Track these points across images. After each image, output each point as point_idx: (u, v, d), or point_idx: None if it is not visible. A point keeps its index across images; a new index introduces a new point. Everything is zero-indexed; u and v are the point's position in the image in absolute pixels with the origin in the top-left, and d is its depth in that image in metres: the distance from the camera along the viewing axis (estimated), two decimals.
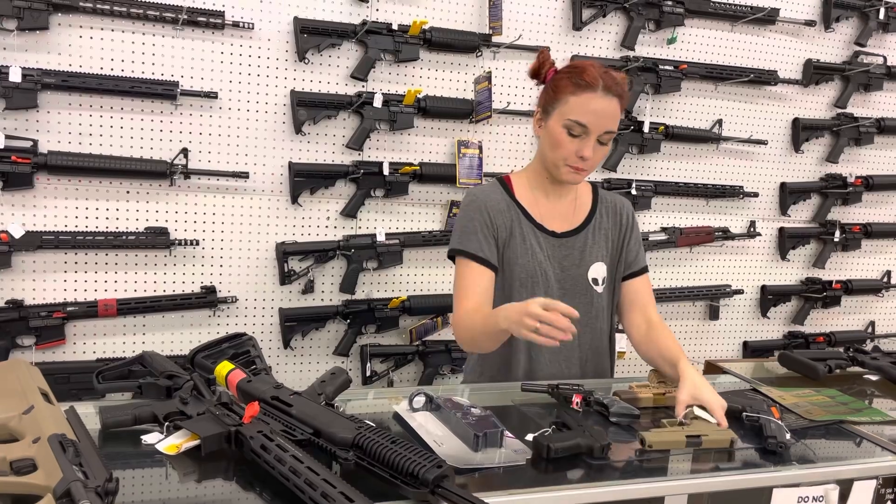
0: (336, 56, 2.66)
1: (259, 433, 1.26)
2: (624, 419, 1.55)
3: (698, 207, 3.32)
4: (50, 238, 2.40)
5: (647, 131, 3.08)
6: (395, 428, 1.52)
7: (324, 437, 1.26)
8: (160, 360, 1.58)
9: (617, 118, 1.72)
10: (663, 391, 1.68)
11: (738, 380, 1.96)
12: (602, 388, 1.71)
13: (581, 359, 1.90)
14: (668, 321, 3.37)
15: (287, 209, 2.68)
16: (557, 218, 1.85)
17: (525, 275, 1.81)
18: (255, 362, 1.65)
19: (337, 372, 1.54)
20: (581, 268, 1.84)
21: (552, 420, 1.49)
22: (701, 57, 3.17)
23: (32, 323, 2.41)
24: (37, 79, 2.31)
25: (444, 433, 1.43)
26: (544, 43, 2.90)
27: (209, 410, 1.35)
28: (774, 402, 1.68)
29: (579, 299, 1.84)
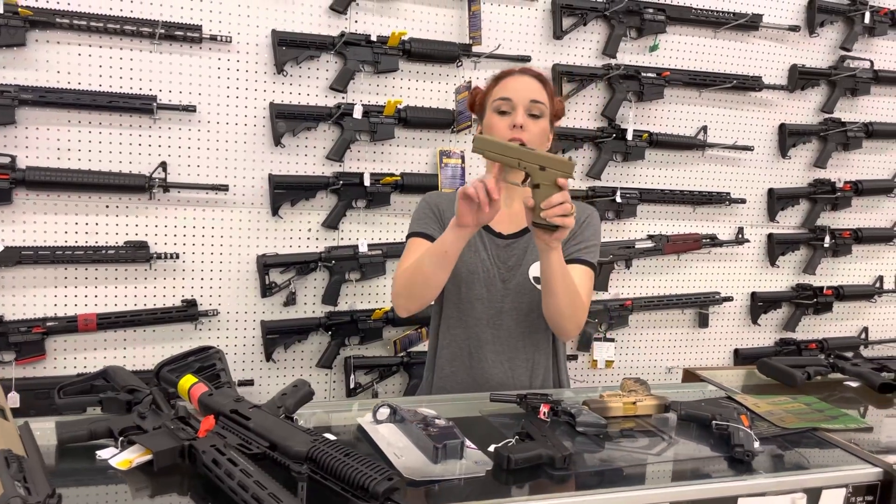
0: (315, 68, 2.66)
1: (212, 447, 1.25)
2: (591, 429, 1.54)
3: (685, 215, 3.31)
4: (29, 253, 2.40)
5: (631, 139, 3.07)
6: (357, 440, 1.50)
7: (279, 451, 1.26)
8: (123, 375, 1.57)
9: (542, 93, 1.81)
10: (633, 400, 1.66)
11: (715, 388, 1.94)
12: (573, 398, 1.70)
13: (528, 360, 1.88)
14: (656, 329, 3.36)
15: (268, 221, 2.68)
16: (506, 220, 1.87)
17: (467, 271, 1.84)
18: (219, 375, 1.63)
19: (299, 384, 1.52)
20: (522, 267, 1.85)
21: (517, 431, 1.48)
22: (684, 64, 3.16)
23: (12, 338, 2.41)
24: (14, 95, 2.32)
25: (405, 445, 1.42)
26: (525, 52, 2.90)
27: (164, 425, 1.34)
28: (746, 411, 1.66)
29: (522, 298, 1.85)
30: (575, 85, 2.98)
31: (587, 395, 1.71)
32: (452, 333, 1.86)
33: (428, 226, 1.85)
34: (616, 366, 3.29)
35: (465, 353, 1.86)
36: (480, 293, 1.84)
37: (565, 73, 2.95)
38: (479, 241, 1.84)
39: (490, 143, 1.54)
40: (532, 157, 1.51)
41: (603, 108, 3.06)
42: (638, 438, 1.56)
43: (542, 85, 1.80)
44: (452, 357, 1.87)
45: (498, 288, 1.84)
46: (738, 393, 1.87)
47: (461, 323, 1.85)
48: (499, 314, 1.85)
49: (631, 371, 3.33)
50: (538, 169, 1.51)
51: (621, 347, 3.30)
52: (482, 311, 1.84)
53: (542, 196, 1.50)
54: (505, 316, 1.85)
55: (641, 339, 3.34)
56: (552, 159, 1.51)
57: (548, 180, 1.50)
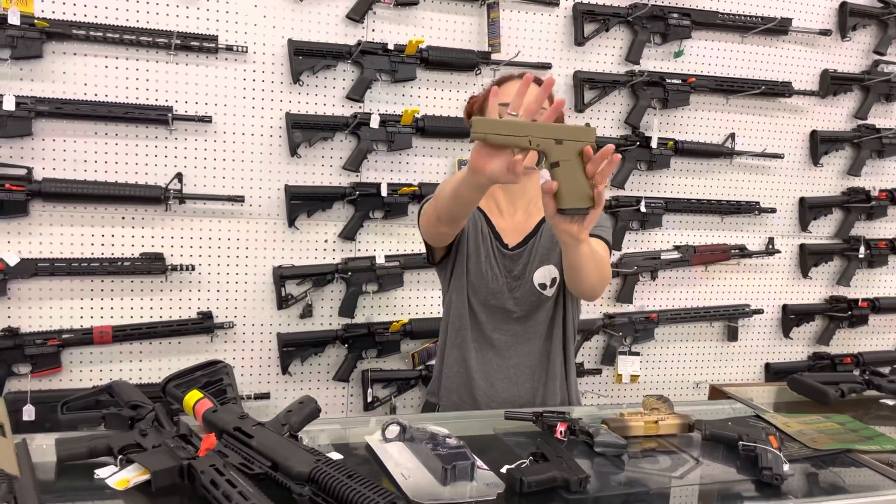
0: (332, 77, 2.63)
1: (211, 467, 1.21)
2: (610, 449, 1.46)
3: (713, 224, 3.21)
4: (45, 265, 2.40)
5: (656, 147, 2.99)
6: (365, 460, 1.44)
7: (281, 471, 1.21)
8: (128, 390, 1.54)
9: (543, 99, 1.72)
10: (656, 419, 1.58)
11: (743, 406, 1.85)
12: (592, 416, 1.63)
13: (534, 370, 1.81)
14: (683, 343, 3.26)
15: (284, 233, 2.65)
16: (511, 230, 1.82)
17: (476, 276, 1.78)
18: (226, 391, 1.59)
19: (305, 401, 1.47)
20: (527, 276, 1.78)
21: (531, 451, 1.41)
22: (710, 70, 3.08)
23: (28, 351, 2.40)
24: (30, 107, 2.32)
25: (415, 465, 1.36)
26: (545, 59, 2.84)
27: (165, 443, 1.30)
28: (776, 430, 1.58)
29: (530, 306, 1.79)
30: (597, 92, 2.92)
31: (607, 413, 1.64)
32: (459, 341, 1.81)
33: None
34: (642, 380, 3.20)
35: (471, 361, 1.81)
36: (488, 300, 1.79)
37: (587, 81, 2.88)
38: (490, 248, 1.79)
39: (493, 124, 1.25)
40: (545, 131, 1.25)
41: (626, 115, 2.98)
42: (660, 460, 1.48)
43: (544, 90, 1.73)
44: (458, 365, 1.82)
45: (505, 296, 1.79)
46: (767, 411, 1.78)
47: (468, 331, 1.80)
48: (505, 322, 1.80)
49: (657, 386, 3.24)
50: (554, 144, 1.26)
51: (647, 362, 3.21)
52: (487, 318, 1.80)
53: (565, 175, 1.26)
54: (512, 323, 1.80)
55: (668, 354, 3.25)
56: (568, 129, 1.27)
57: (568, 154, 1.26)
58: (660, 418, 1.59)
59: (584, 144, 1.26)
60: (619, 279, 3.09)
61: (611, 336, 3.09)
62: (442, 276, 1.85)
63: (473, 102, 1.79)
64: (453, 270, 1.80)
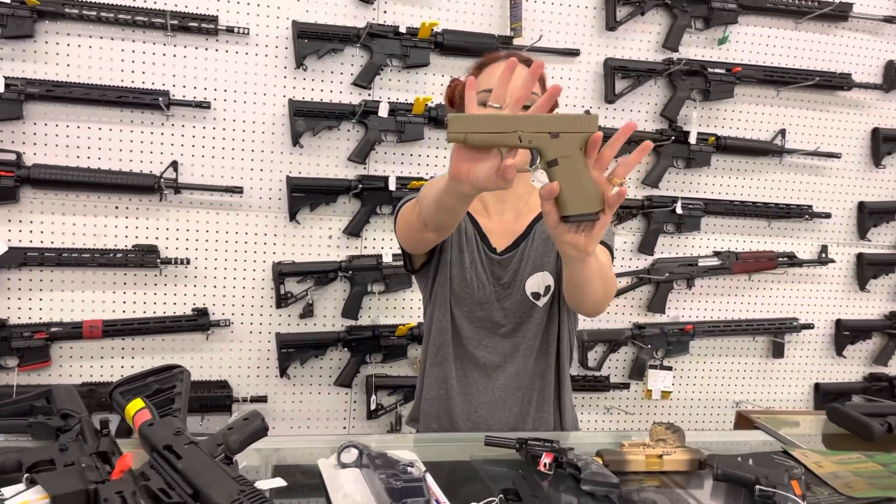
0: (340, 62, 2.46)
1: (117, 494, 1.04)
2: (599, 488, 1.24)
3: (758, 230, 2.93)
4: (34, 255, 2.30)
5: (695, 143, 2.73)
6: (314, 487, 1.26)
7: (200, 501, 1.04)
8: (65, 396, 1.39)
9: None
10: (660, 453, 1.35)
11: (772, 438, 1.60)
12: (590, 444, 1.41)
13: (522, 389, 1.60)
14: (722, 358, 2.98)
15: (285, 227, 2.49)
16: (499, 232, 1.60)
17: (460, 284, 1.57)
18: (174, 400, 1.43)
19: (251, 417, 1.29)
20: (518, 283, 1.57)
21: (504, 487, 1.21)
22: (758, 58, 2.79)
23: (14, 343, 2.30)
24: (20, 88, 2.22)
25: (364, 498, 1.17)
26: (573, 45, 2.61)
27: (78, 461, 1.14)
28: (802, 472, 1.33)
29: (520, 318, 1.58)
30: (630, 82, 2.67)
31: (606, 442, 1.42)
32: (439, 359, 1.60)
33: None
34: (674, 397, 2.94)
35: (452, 381, 1.60)
36: (473, 311, 1.58)
37: (619, 69, 2.64)
38: (477, 254, 1.57)
39: (473, 121, 1.02)
40: (537, 124, 1.03)
41: (662, 108, 2.73)
42: (659, 503, 1.26)
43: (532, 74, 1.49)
44: (438, 387, 1.61)
45: (493, 307, 1.57)
46: (798, 446, 1.53)
47: (449, 347, 1.59)
48: (492, 335, 1.59)
49: (691, 405, 2.97)
50: (549, 138, 1.03)
51: (680, 377, 2.95)
52: (472, 332, 1.59)
53: (566, 175, 1.03)
54: (499, 338, 1.59)
55: (704, 369, 2.97)
56: (565, 119, 1.04)
57: (568, 149, 1.03)
58: (665, 452, 1.36)
59: (587, 136, 1.03)
60: (650, 287, 2.83)
61: (640, 348, 2.84)
62: (423, 286, 1.64)
63: (455, 86, 1.56)
64: (435, 279, 1.59)
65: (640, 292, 2.84)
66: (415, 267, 1.60)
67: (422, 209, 1.34)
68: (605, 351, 2.82)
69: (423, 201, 1.34)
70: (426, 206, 1.31)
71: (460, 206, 1.24)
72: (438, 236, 1.42)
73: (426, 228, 1.36)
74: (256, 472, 1.30)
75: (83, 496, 1.07)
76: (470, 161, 1.05)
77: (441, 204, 1.23)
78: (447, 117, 1.03)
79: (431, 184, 1.35)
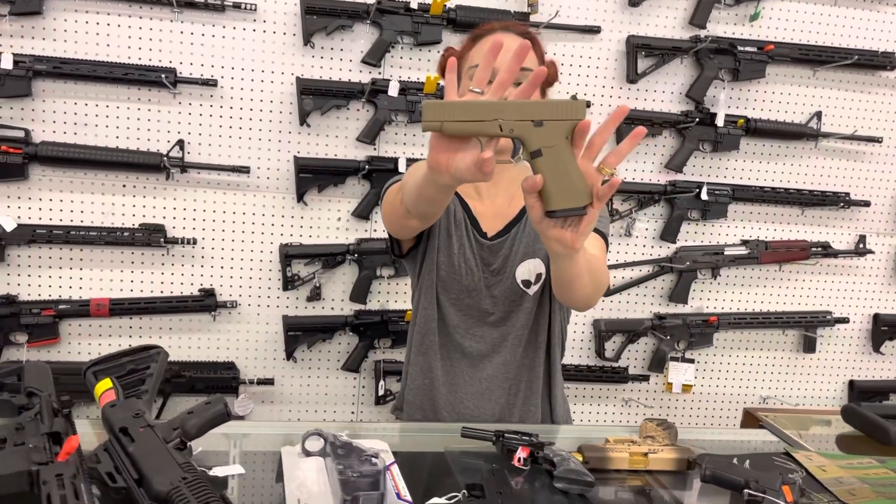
0: (350, 39, 2.40)
1: (56, 477, 1.01)
2: (573, 486, 1.17)
3: (790, 217, 2.78)
4: (42, 232, 2.30)
5: (723, 125, 2.59)
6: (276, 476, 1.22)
7: (144, 487, 1.01)
8: (36, 374, 1.37)
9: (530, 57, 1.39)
10: (646, 451, 1.27)
11: (776, 438, 1.50)
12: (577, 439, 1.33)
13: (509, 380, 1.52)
14: (749, 352, 2.85)
15: (293, 208, 2.45)
16: (489, 216, 1.52)
17: (448, 270, 1.50)
18: (145, 381, 1.40)
19: (213, 402, 1.24)
20: (508, 270, 1.49)
21: (470, 482, 1.14)
22: (793, 36, 2.63)
23: (24, 320, 2.32)
24: (29, 65, 2.21)
25: (320, 489, 1.12)
26: (593, 22, 2.50)
27: (27, 441, 1.12)
28: (801, 476, 1.23)
29: (510, 306, 1.51)
30: (654, 60, 2.55)
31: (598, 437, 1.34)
32: (424, 348, 1.54)
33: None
34: (696, 391, 2.82)
35: (437, 371, 1.53)
36: (460, 298, 1.51)
37: (642, 46, 2.52)
38: (466, 238, 1.50)
39: (449, 108, 0.94)
40: (519, 111, 0.95)
41: (688, 88, 2.60)
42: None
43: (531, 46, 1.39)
44: (422, 376, 1.55)
45: (482, 294, 1.50)
46: (804, 448, 1.42)
47: (435, 336, 1.53)
48: (480, 324, 1.52)
49: (714, 399, 2.85)
50: (533, 127, 0.96)
51: (703, 370, 2.83)
52: (460, 320, 1.52)
53: (551, 166, 0.95)
54: (488, 327, 1.52)
55: (729, 363, 2.85)
56: (550, 105, 0.96)
57: (553, 139, 0.95)
58: (651, 450, 1.28)
59: (573, 123, 0.95)
60: (672, 276, 2.71)
61: (661, 339, 2.73)
62: (411, 271, 1.57)
63: (448, 55, 1.49)
64: (423, 264, 1.52)
65: (662, 281, 2.73)
66: (403, 251, 1.54)
67: (404, 196, 1.27)
68: (623, 341, 2.72)
69: (405, 188, 1.27)
70: (408, 195, 1.24)
71: (442, 196, 1.17)
72: (422, 224, 1.36)
73: (409, 215, 1.29)
74: (218, 457, 1.26)
75: (25, 477, 1.04)
76: (448, 151, 0.97)
77: (421, 194, 1.16)
78: (422, 104, 0.95)
79: (414, 169, 1.27)
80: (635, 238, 2.68)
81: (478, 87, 0.97)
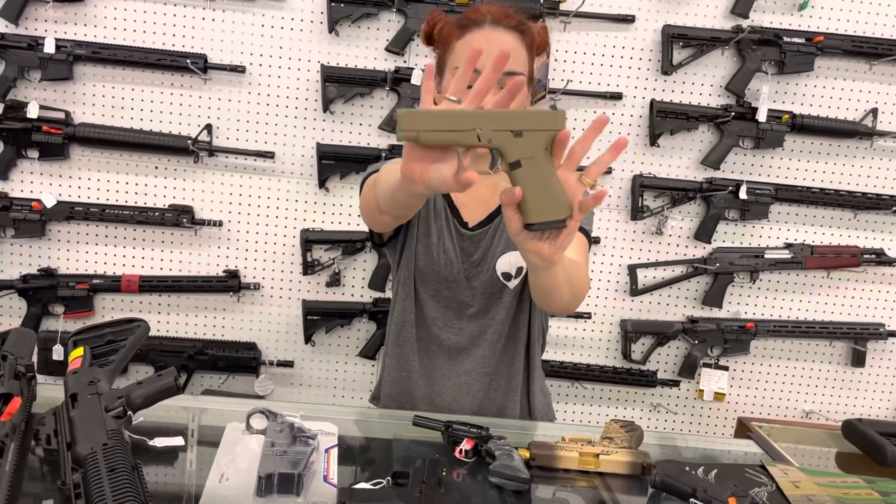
0: (376, 28, 2.41)
1: None
2: (507, 483, 1.13)
3: (840, 221, 2.60)
4: (80, 209, 2.42)
5: (765, 120, 2.45)
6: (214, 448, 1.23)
7: (71, 451, 1.04)
8: (16, 339, 1.43)
9: (520, 56, 1.31)
10: (598, 451, 1.21)
11: (760, 450, 1.41)
12: (523, 433, 1.29)
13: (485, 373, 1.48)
14: (789, 363, 2.69)
15: (316, 194, 2.48)
16: (471, 206, 1.47)
17: (426, 262, 1.46)
18: (117, 351, 1.44)
19: (164, 374, 1.27)
20: (489, 262, 1.45)
21: (398, 470, 1.13)
22: (846, 27, 2.46)
23: (60, 292, 2.44)
24: (70, 50, 2.33)
25: (248, 466, 1.13)
26: (626, 10, 2.41)
27: None
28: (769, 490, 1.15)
29: (490, 299, 1.47)
30: (692, 51, 2.43)
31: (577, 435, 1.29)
32: (401, 340, 1.52)
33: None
34: (729, 400, 2.69)
35: (414, 363, 1.51)
36: (439, 290, 1.48)
37: (679, 37, 2.41)
38: (446, 227, 1.46)
39: (426, 117, 0.91)
40: (497, 121, 0.92)
41: (728, 81, 2.47)
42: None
43: (521, 41, 1.33)
44: (399, 369, 1.53)
45: (462, 286, 1.47)
46: (783, 461, 1.33)
47: (412, 328, 1.50)
48: (458, 317, 1.48)
49: (749, 410, 2.71)
50: (511, 137, 0.93)
51: (738, 379, 2.69)
52: (438, 313, 1.49)
53: (530, 178, 0.93)
54: (466, 320, 1.48)
55: (767, 373, 2.70)
56: (529, 115, 0.94)
57: (532, 150, 0.94)
58: (604, 451, 1.22)
59: (552, 134, 0.95)
60: (706, 278, 2.59)
61: (692, 344, 2.62)
62: (392, 261, 1.55)
63: (436, 23, 1.37)
64: (402, 255, 1.49)
65: (695, 283, 2.61)
66: (383, 241, 1.52)
67: (377, 195, 1.25)
68: (651, 344, 2.62)
69: (378, 187, 1.25)
70: (381, 195, 1.22)
71: (415, 201, 1.17)
72: (396, 221, 1.34)
73: (383, 212, 1.27)
74: (170, 429, 1.28)
75: None
76: (423, 161, 0.94)
77: (394, 198, 1.14)
78: (397, 113, 0.93)
79: (390, 168, 1.24)
80: (667, 237, 2.57)
81: (455, 95, 0.94)
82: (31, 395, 1.27)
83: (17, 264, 2.45)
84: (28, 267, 2.45)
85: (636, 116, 2.49)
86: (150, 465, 1.18)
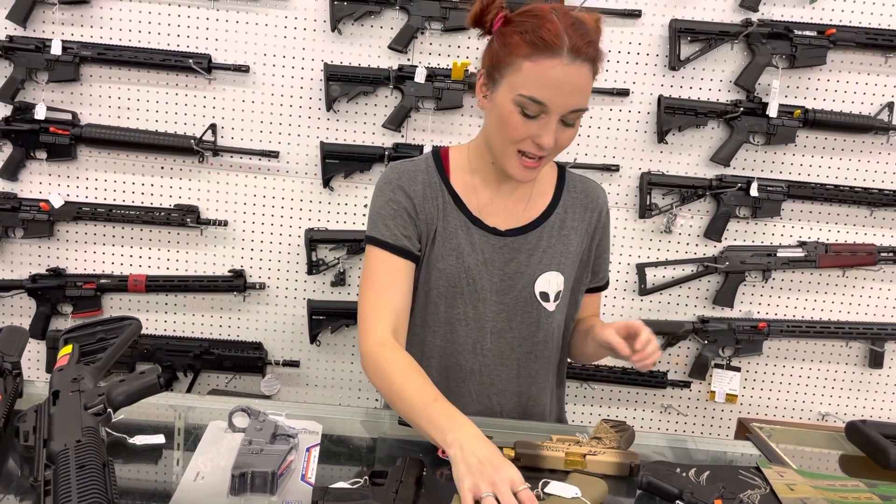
0: (379, 26, 2.39)
1: None
2: None
3: (855, 218, 2.53)
4: (87, 209, 2.44)
5: (776, 116, 2.40)
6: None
7: (47, 448, 1.04)
8: (6, 337, 1.44)
9: (587, 91, 1.26)
10: (584, 451, 1.18)
11: (757, 451, 1.37)
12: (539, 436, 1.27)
13: (519, 392, 1.45)
14: (803, 364, 2.63)
15: (320, 193, 2.48)
16: (501, 212, 1.42)
17: (445, 283, 1.40)
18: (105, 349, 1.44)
19: (147, 372, 1.27)
20: (526, 277, 1.40)
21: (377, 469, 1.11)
22: (859, 19, 2.39)
23: (69, 292, 2.46)
24: (76, 51, 2.34)
25: (227, 464, 1.11)
26: (633, 5, 2.37)
27: None
28: (760, 492, 1.12)
29: (522, 318, 1.42)
30: (699, 46, 2.39)
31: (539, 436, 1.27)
32: (427, 361, 1.45)
33: (394, 227, 1.37)
34: (741, 402, 2.63)
35: (442, 385, 1.44)
36: (465, 312, 1.42)
37: (686, 31, 2.37)
38: (467, 240, 1.40)
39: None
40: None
41: (737, 76, 2.42)
42: None
43: (591, 70, 1.25)
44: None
45: (489, 302, 1.41)
46: (782, 463, 1.29)
47: (437, 350, 1.45)
48: (487, 337, 1.43)
49: (763, 412, 2.65)
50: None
51: (750, 380, 2.63)
52: (466, 335, 1.43)
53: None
54: (497, 339, 1.43)
55: (780, 374, 2.63)
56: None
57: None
58: (591, 451, 1.19)
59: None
60: (717, 277, 2.54)
61: (703, 344, 2.56)
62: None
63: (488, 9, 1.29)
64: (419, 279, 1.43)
65: (706, 282, 2.56)
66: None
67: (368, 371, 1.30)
68: (661, 344, 2.57)
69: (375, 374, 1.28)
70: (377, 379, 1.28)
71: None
72: None
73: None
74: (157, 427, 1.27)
75: None
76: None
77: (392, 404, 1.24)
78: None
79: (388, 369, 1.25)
80: (676, 235, 2.52)
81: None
82: (14, 392, 1.27)
83: (26, 264, 2.48)
84: (37, 267, 2.48)
85: (644, 113, 2.45)
86: (131, 464, 1.17)
